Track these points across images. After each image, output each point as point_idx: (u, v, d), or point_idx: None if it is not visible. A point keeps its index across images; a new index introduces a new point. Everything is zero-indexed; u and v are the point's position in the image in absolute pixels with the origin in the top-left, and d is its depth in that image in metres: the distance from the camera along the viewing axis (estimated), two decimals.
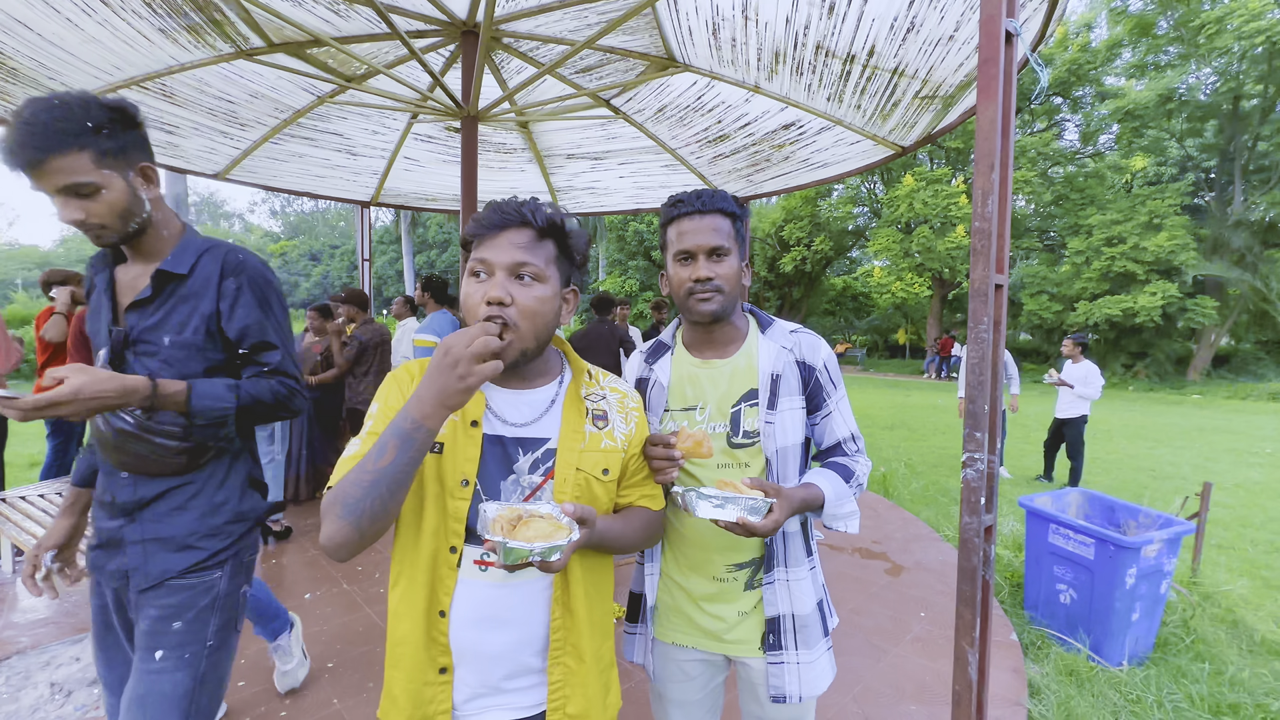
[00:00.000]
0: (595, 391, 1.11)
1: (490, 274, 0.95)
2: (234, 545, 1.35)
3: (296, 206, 55.22)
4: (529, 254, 0.95)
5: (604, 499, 1.05)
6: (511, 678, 0.98)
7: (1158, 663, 2.84)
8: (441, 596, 0.95)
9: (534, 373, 1.06)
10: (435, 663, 0.95)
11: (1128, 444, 9.03)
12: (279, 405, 1.36)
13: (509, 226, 0.96)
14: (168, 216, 1.34)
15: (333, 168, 5.29)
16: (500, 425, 1.01)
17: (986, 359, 1.45)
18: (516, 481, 0.98)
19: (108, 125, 1.17)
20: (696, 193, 1.26)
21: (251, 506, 1.41)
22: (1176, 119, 19.08)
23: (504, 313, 0.93)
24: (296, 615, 2.50)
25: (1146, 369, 18.97)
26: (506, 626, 0.96)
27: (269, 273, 1.41)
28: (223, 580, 1.33)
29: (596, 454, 1.04)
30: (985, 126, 1.42)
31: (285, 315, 1.44)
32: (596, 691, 1.03)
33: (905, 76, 3.07)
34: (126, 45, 3.11)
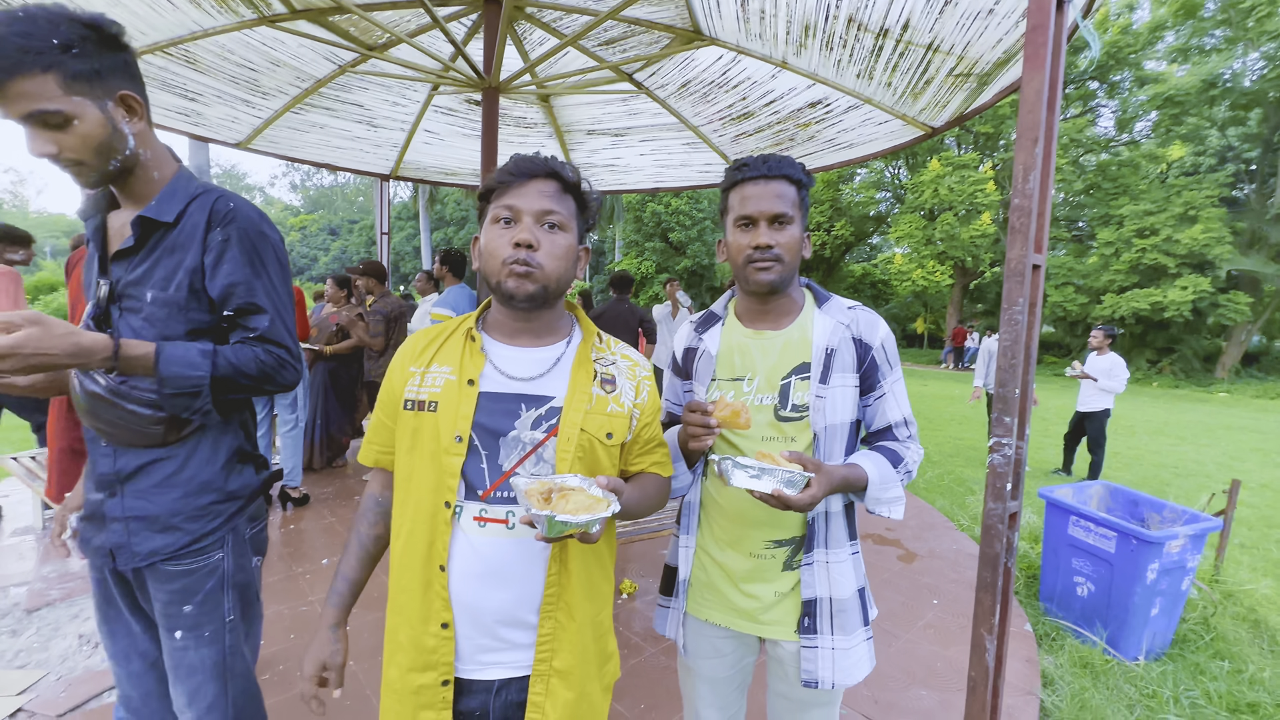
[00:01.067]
0: (605, 356, 1.10)
1: (517, 220, 0.98)
2: (226, 524, 1.25)
3: (316, 180, 55.57)
4: (556, 203, 0.99)
5: (605, 463, 1.05)
6: (506, 626, 0.99)
7: (1175, 659, 2.80)
8: (440, 551, 0.97)
9: (543, 329, 1.06)
10: (437, 617, 0.97)
11: (1150, 440, 8.86)
12: (264, 377, 1.20)
13: (537, 176, 0.98)
14: (160, 156, 1.19)
15: (353, 139, 5.27)
16: (503, 381, 1.01)
17: (1020, 342, 1.40)
18: (518, 438, 0.98)
19: (79, 44, 1.01)
20: (763, 157, 1.22)
21: (242, 485, 1.28)
22: (1219, 106, 18.33)
23: (531, 256, 0.96)
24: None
25: (1172, 365, 18.53)
26: (506, 584, 0.97)
27: (266, 225, 1.24)
28: (226, 559, 1.25)
29: (602, 417, 1.03)
30: (1030, 98, 1.36)
31: (283, 275, 1.27)
32: (590, 653, 1.04)
33: (940, 52, 2.96)
34: (150, 9, 3.09)
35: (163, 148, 1.22)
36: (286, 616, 2.75)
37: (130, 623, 1.29)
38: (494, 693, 1.00)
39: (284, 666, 2.39)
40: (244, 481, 1.29)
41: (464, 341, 1.04)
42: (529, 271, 0.96)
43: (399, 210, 35.65)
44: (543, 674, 0.99)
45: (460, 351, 1.03)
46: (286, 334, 1.25)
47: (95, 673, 2.33)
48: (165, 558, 1.18)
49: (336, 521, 3.92)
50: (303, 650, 2.45)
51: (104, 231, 1.23)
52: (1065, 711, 2.32)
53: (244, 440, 1.31)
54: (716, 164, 5.19)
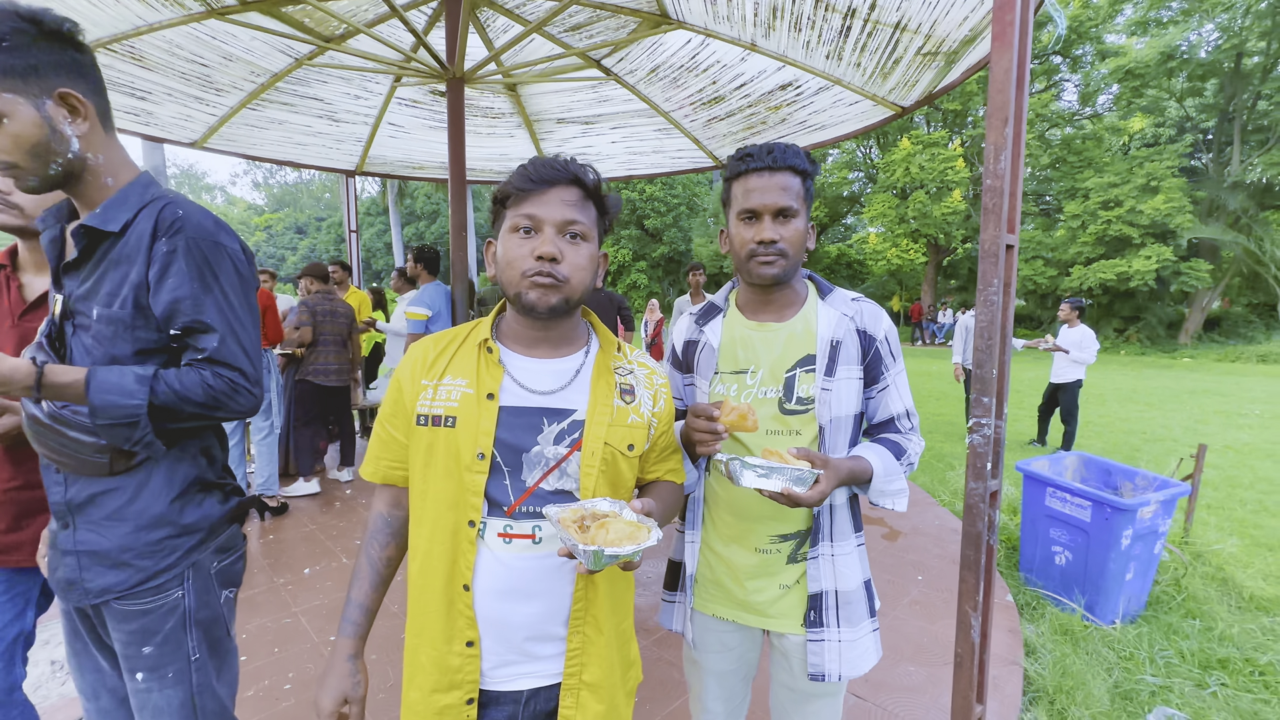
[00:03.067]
0: (623, 365, 1.07)
1: (539, 230, 0.94)
2: (184, 560, 1.15)
3: (280, 178, 54.04)
4: (578, 212, 0.95)
5: (628, 475, 1.03)
6: (536, 642, 0.97)
7: (1150, 620, 2.89)
8: (463, 570, 0.94)
9: (561, 339, 1.03)
10: (462, 635, 0.95)
11: (1120, 408, 9.12)
12: (214, 405, 1.08)
13: (559, 183, 0.94)
14: (115, 161, 1.11)
15: (314, 135, 5.11)
16: (523, 394, 0.98)
17: (996, 322, 1.41)
18: (540, 453, 0.95)
19: (11, 37, 0.94)
20: (767, 147, 1.18)
21: (201, 517, 1.17)
22: (1177, 78, 18.76)
23: (554, 269, 0.92)
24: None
25: (1139, 333, 19.08)
26: (533, 598, 0.95)
27: (223, 234, 1.13)
28: (187, 597, 1.15)
29: (623, 429, 1.00)
30: (999, 77, 1.35)
31: (243, 289, 1.15)
32: (615, 663, 1.04)
33: (908, 31, 2.96)
34: (90, 4, 2.94)
35: (121, 153, 1.13)
36: (270, 630, 2.69)
37: (97, 658, 1.22)
38: (522, 703, 0.98)
39: (269, 682, 2.33)
40: (203, 514, 1.18)
41: (479, 353, 1.00)
42: (554, 284, 0.93)
43: (368, 206, 34.89)
44: (573, 687, 0.98)
45: (476, 363, 0.99)
46: (242, 355, 1.13)
47: (70, 699, 2.25)
48: (118, 596, 1.10)
49: (317, 530, 3.84)
50: (285, 664, 2.41)
51: (62, 243, 1.15)
52: (1048, 679, 2.38)
53: (205, 468, 1.20)
54: (689, 149, 5.15)
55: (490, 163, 5.95)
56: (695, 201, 26.80)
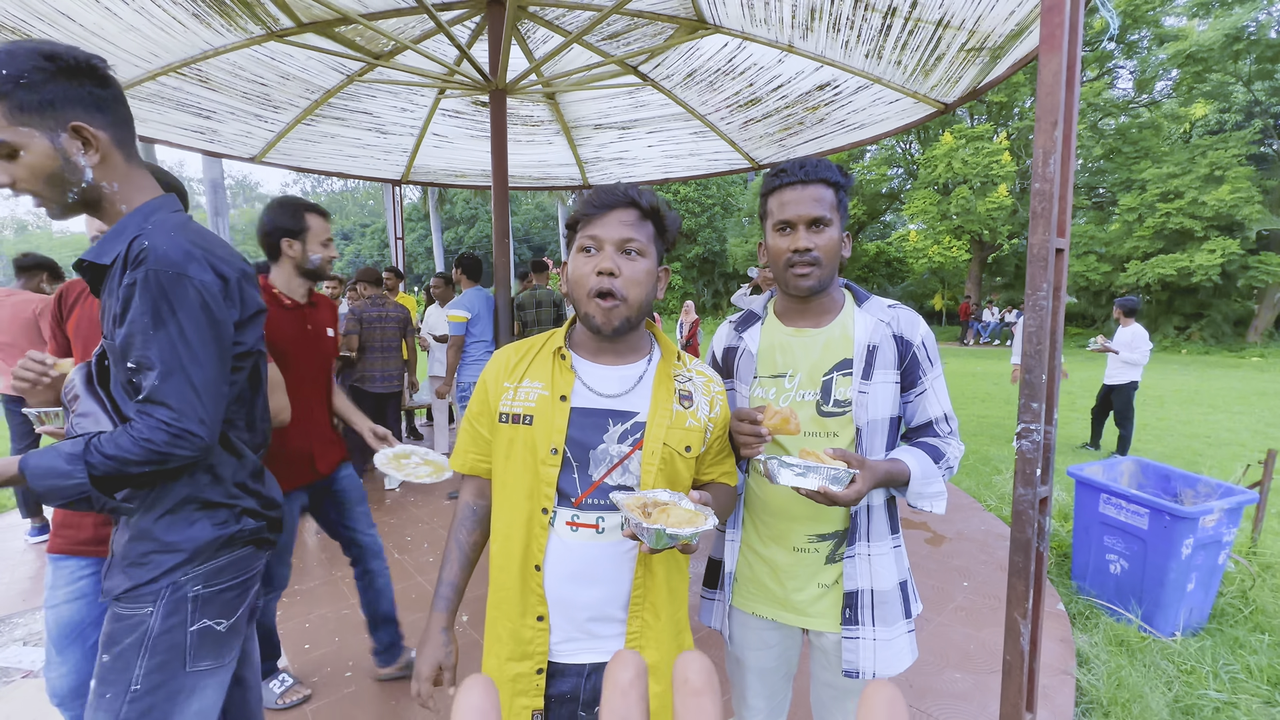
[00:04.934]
0: (682, 373, 1.15)
1: (600, 249, 1.04)
2: (164, 578, 1.10)
3: (326, 186, 56.08)
4: (635, 231, 1.04)
5: (685, 474, 1.11)
6: (597, 622, 1.06)
7: (1213, 634, 2.77)
8: (535, 553, 1.05)
9: (627, 349, 1.12)
10: (533, 611, 1.05)
11: (1181, 410, 8.66)
12: (158, 458, 1.01)
13: (617, 206, 1.04)
14: (131, 188, 1.12)
15: (364, 147, 5.32)
16: (592, 397, 1.08)
17: (1045, 327, 1.39)
18: (605, 450, 1.05)
19: (30, 74, 0.99)
20: (800, 162, 1.24)
21: (185, 538, 1.12)
22: (1244, 60, 17.63)
23: (613, 284, 1.02)
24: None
25: (1201, 331, 18.04)
26: (597, 583, 1.05)
27: (190, 265, 1.06)
28: (155, 618, 1.10)
29: (681, 431, 1.09)
30: (1048, 80, 1.34)
31: (206, 323, 1.07)
32: (670, 649, 1.11)
33: (950, 28, 2.91)
34: (162, 31, 3.15)
35: (139, 180, 1.14)
36: (331, 620, 2.83)
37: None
38: (585, 676, 1.07)
39: (330, 669, 2.46)
40: (189, 534, 1.12)
41: (554, 359, 1.11)
42: (614, 305, 1.03)
43: (409, 212, 35.89)
44: None
45: (551, 368, 1.10)
46: (187, 393, 1.03)
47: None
48: (116, 597, 1.12)
49: None
50: (346, 653, 2.54)
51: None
52: (1102, 690, 2.31)
53: (205, 486, 1.15)
54: (725, 151, 5.16)
55: (529, 169, 6.07)
56: (730, 202, 26.64)
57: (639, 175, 6.13)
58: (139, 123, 4.09)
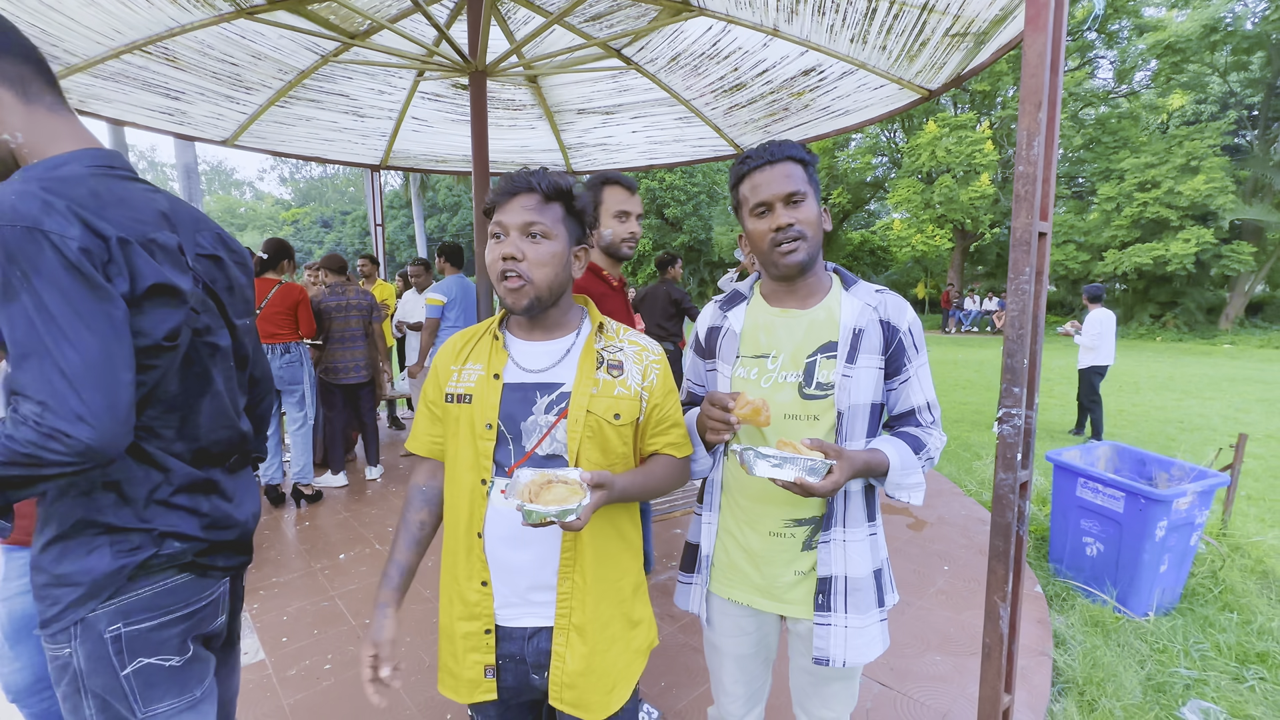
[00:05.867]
0: (612, 344, 1.19)
1: (506, 234, 1.09)
2: (67, 613, 0.94)
3: (305, 173, 54.95)
4: (537, 214, 1.08)
5: (616, 442, 1.14)
6: (535, 590, 1.12)
7: (1185, 613, 2.84)
8: (476, 521, 1.11)
9: (553, 324, 1.17)
10: (478, 576, 1.12)
11: (1155, 395, 8.86)
12: (31, 461, 0.79)
13: (519, 193, 1.09)
14: (42, 142, 0.96)
15: (340, 130, 5.20)
16: (521, 373, 1.14)
17: (1028, 311, 1.39)
18: (535, 421, 1.10)
19: None
20: (764, 145, 1.24)
21: (79, 569, 0.93)
22: (1220, 52, 17.88)
23: (517, 267, 1.07)
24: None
25: (1176, 319, 18.43)
26: (528, 546, 1.10)
27: (48, 219, 0.82)
28: (77, 659, 0.95)
29: (609, 399, 1.12)
30: (1033, 61, 1.32)
31: (74, 289, 0.82)
32: (610, 616, 1.15)
33: (935, 12, 2.89)
34: (125, 7, 3.02)
35: (61, 127, 0.97)
36: (309, 613, 2.79)
37: None
38: (527, 639, 1.13)
39: (309, 662, 2.43)
40: (85, 565, 0.94)
41: (490, 340, 1.18)
42: (520, 285, 1.08)
43: (391, 199, 35.30)
44: (563, 628, 1.12)
45: (488, 350, 1.17)
46: (57, 381, 0.80)
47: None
48: (39, 629, 0.97)
49: (350, 517, 3.96)
50: (324, 645, 2.51)
51: None
52: (1078, 670, 2.36)
53: (105, 508, 0.95)
54: (710, 138, 5.11)
55: (512, 154, 5.98)
56: (715, 190, 26.55)
57: (623, 161, 6.06)
58: (102, 103, 3.94)
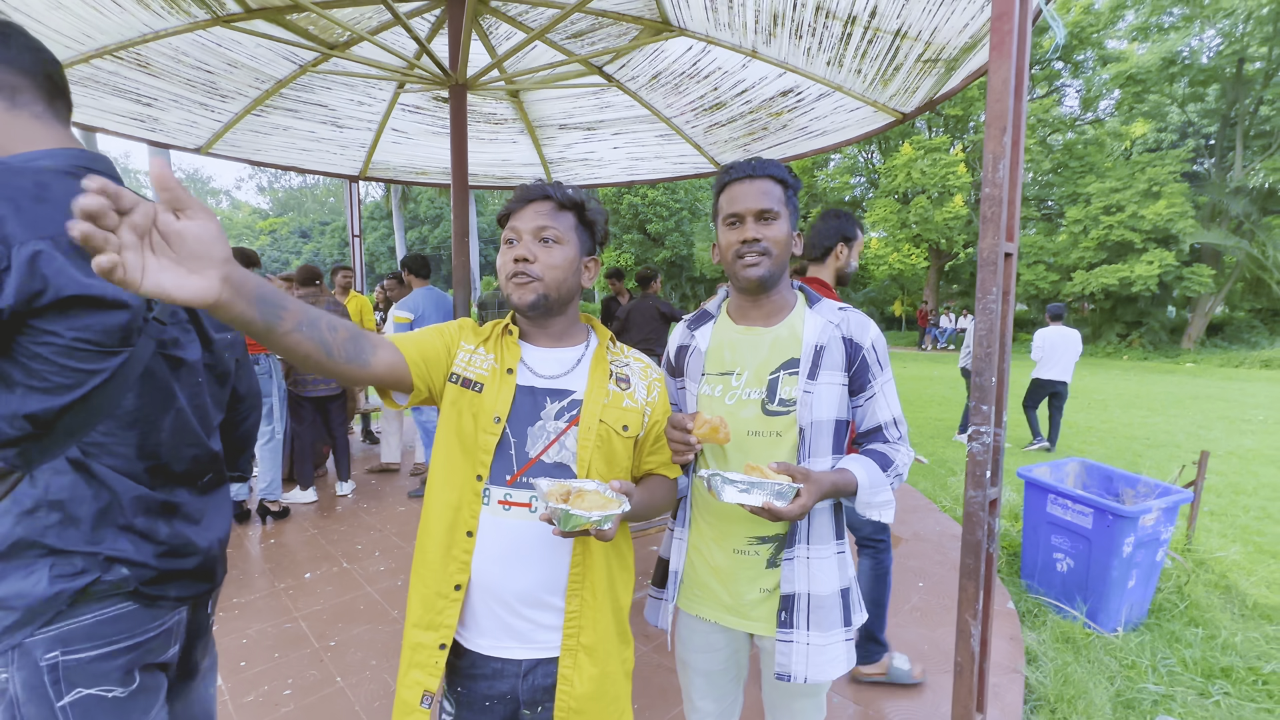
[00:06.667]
0: (619, 358, 1.21)
1: (519, 239, 1.10)
2: (2, 638, 0.89)
3: (284, 182, 54.30)
4: (550, 220, 1.10)
5: (622, 454, 1.14)
6: (532, 608, 1.06)
7: (1152, 628, 2.88)
8: (469, 518, 1.06)
9: (561, 334, 1.18)
10: (453, 578, 1.05)
11: (1122, 413, 9.09)
12: None
13: (534, 200, 1.11)
14: (9, 142, 0.96)
15: (318, 140, 5.14)
16: (532, 377, 1.13)
17: (995, 330, 1.41)
18: (543, 427, 1.09)
19: None
20: (749, 159, 1.27)
21: (15, 592, 0.89)
22: (1179, 83, 18.76)
23: (528, 268, 1.08)
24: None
25: (1141, 338, 19.03)
26: (530, 565, 1.05)
27: None
28: (13, 686, 0.90)
29: (618, 410, 1.14)
30: (998, 87, 1.36)
31: None
32: (612, 635, 1.13)
33: (908, 39, 2.97)
34: (96, 11, 2.97)
35: (30, 130, 0.98)
36: (270, 635, 2.69)
37: None
38: (522, 675, 1.07)
39: (268, 687, 2.33)
40: (21, 588, 0.89)
41: (503, 336, 1.18)
42: (528, 281, 1.08)
43: (371, 210, 35.02)
44: (571, 649, 1.07)
45: (501, 345, 1.16)
46: None
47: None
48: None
49: (318, 534, 3.84)
50: (285, 670, 2.41)
51: None
52: (1049, 687, 2.37)
53: (51, 530, 0.91)
54: (690, 155, 5.17)
55: (492, 168, 5.97)
56: (698, 206, 26.84)
57: (604, 177, 6.09)
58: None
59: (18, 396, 0.87)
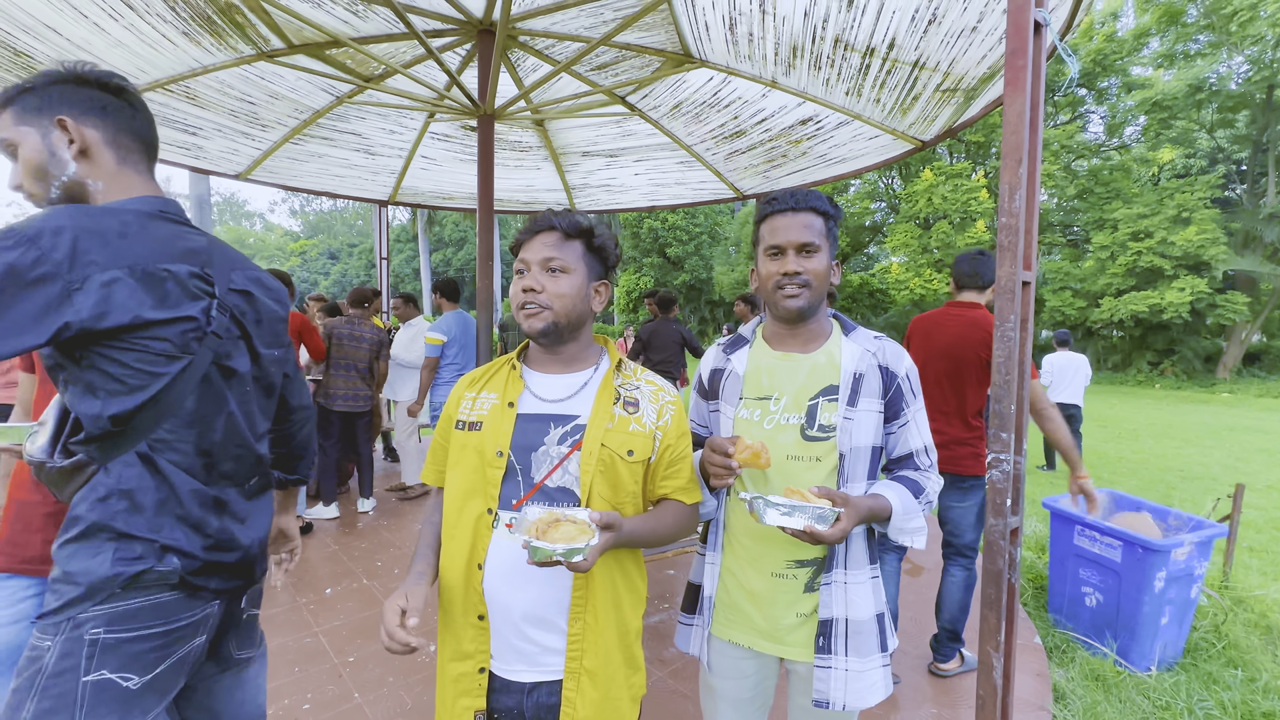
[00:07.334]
0: (629, 382, 1.22)
1: (529, 269, 1.14)
2: (64, 612, 0.98)
3: (315, 206, 56.03)
4: (557, 250, 1.14)
5: (627, 479, 1.14)
6: (535, 627, 1.09)
7: (1188, 669, 2.77)
8: (479, 551, 1.10)
9: (571, 358, 1.21)
10: (474, 609, 1.10)
11: (1155, 444, 8.82)
12: None
13: (541, 231, 1.15)
14: (116, 192, 1.12)
15: (351, 167, 5.34)
16: (537, 403, 1.16)
17: (1013, 358, 1.41)
18: (546, 452, 1.11)
19: (35, 81, 1.07)
20: (791, 191, 1.30)
21: (84, 569, 0.99)
22: (1206, 109, 18.53)
23: (536, 299, 1.12)
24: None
25: (1174, 366, 18.51)
26: (530, 584, 1.08)
27: (42, 235, 0.93)
28: (51, 655, 0.96)
29: (623, 435, 1.13)
30: (1013, 119, 1.39)
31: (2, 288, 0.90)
32: (617, 659, 1.13)
33: (926, 69, 3.02)
34: (151, 48, 3.16)
35: (132, 183, 1.14)
36: (291, 649, 2.73)
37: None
38: (526, 693, 1.10)
39: (289, 701, 2.36)
40: (89, 567, 0.99)
41: (508, 371, 1.21)
42: (537, 311, 1.12)
43: (397, 233, 35.90)
44: (574, 671, 1.09)
45: (504, 380, 1.20)
46: None
47: None
48: (34, 619, 1.02)
49: (340, 550, 3.90)
50: (305, 684, 2.44)
51: None
52: None
53: (119, 515, 1.01)
54: (710, 181, 5.25)
55: (517, 193, 6.12)
56: (717, 230, 27.05)
57: (626, 203, 6.21)
58: None
59: (100, 400, 1.00)
